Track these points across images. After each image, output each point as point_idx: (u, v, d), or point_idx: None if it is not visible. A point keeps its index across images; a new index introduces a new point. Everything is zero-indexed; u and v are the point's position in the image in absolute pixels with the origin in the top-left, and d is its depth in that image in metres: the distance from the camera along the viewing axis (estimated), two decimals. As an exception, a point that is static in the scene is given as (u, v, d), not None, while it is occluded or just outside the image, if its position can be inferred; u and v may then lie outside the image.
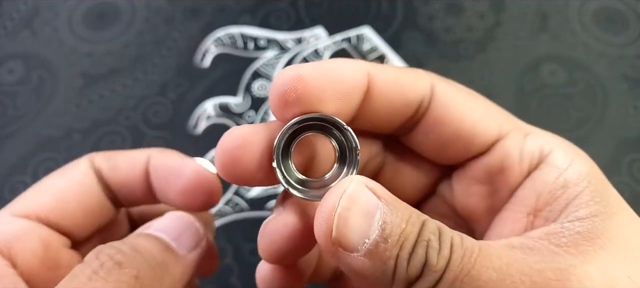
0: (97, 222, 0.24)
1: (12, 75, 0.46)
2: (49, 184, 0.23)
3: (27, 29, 0.48)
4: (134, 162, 0.24)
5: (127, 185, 0.24)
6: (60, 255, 0.22)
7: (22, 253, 0.21)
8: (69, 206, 0.22)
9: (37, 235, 0.21)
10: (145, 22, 0.48)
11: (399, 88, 0.20)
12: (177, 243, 0.21)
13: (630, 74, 0.44)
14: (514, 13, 0.48)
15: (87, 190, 0.23)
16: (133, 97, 0.44)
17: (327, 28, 0.47)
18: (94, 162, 0.24)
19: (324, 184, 0.19)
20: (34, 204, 0.22)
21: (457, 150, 0.21)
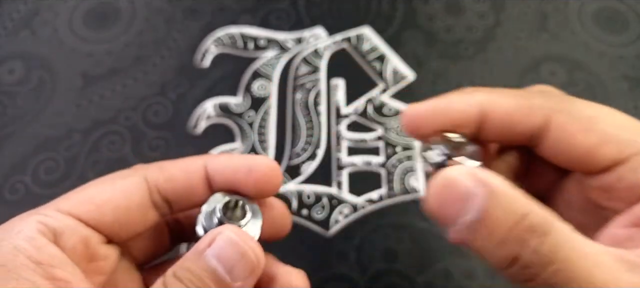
0: (135, 230, 0.25)
1: (12, 75, 0.46)
2: (94, 192, 0.24)
3: (27, 29, 0.48)
4: (190, 170, 0.25)
5: (184, 192, 0.25)
6: (98, 250, 0.24)
7: (66, 246, 0.22)
8: (106, 218, 0.24)
9: (78, 233, 0.23)
10: (145, 22, 0.48)
11: (511, 122, 0.23)
12: (230, 276, 0.21)
13: (630, 74, 0.44)
14: (514, 13, 0.48)
15: (130, 204, 0.24)
16: (133, 97, 0.44)
17: (327, 28, 0.47)
18: (147, 177, 0.25)
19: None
20: (76, 208, 0.24)
21: (576, 168, 0.24)
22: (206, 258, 0.21)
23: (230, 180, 0.25)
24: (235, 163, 0.25)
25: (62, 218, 0.23)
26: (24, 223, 0.22)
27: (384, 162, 0.41)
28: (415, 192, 0.39)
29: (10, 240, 0.21)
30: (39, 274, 0.21)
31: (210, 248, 0.21)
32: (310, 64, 0.46)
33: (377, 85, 0.44)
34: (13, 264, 0.20)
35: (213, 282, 0.21)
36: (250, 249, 0.22)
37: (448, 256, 0.36)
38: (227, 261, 0.21)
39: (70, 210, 0.23)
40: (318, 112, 0.43)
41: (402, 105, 0.43)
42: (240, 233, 0.22)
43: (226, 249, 0.21)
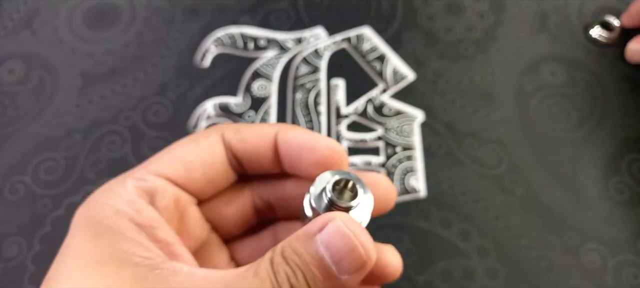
0: (218, 188, 0.26)
1: (12, 75, 0.46)
2: (181, 152, 0.25)
3: (27, 29, 0.48)
4: (262, 135, 0.26)
5: (255, 156, 0.26)
6: (187, 210, 0.25)
7: (160, 206, 0.23)
8: (196, 174, 0.25)
9: (170, 192, 0.24)
10: (145, 22, 0.48)
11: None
12: (337, 268, 0.20)
13: (630, 74, 0.44)
14: (514, 13, 0.48)
15: (215, 160, 0.25)
16: (133, 97, 0.44)
17: (327, 28, 0.47)
18: (224, 134, 0.26)
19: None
20: (166, 168, 0.24)
21: None
22: (316, 243, 0.20)
23: (294, 155, 0.25)
24: (303, 138, 0.25)
25: (154, 179, 0.24)
26: (121, 186, 0.23)
27: (384, 162, 0.41)
28: (415, 192, 0.39)
29: (112, 203, 0.22)
30: (143, 235, 0.21)
31: (321, 234, 0.20)
32: (310, 64, 0.46)
33: (377, 85, 0.44)
34: (118, 227, 0.21)
35: (319, 270, 0.20)
36: (360, 244, 0.20)
37: (448, 256, 0.36)
38: (335, 252, 0.20)
39: (160, 171, 0.24)
40: (318, 112, 0.43)
41: (402, 105, 0.43)
42: (351, 225, 0.21)
43: (336, 239, 0.20)
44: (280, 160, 0.26)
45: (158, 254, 0.21)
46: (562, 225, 0.38)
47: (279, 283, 0.20)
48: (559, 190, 0.39)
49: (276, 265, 0.20)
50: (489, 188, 0.39)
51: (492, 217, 0.38)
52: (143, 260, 0.20)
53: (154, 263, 0.20)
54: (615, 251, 0.37)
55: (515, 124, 0.42)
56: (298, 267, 0.20)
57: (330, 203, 0.22)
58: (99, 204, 0.22)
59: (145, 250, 0.21)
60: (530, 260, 0.36)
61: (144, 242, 0.21)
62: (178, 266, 0.21)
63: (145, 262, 0.20)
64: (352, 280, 0.20)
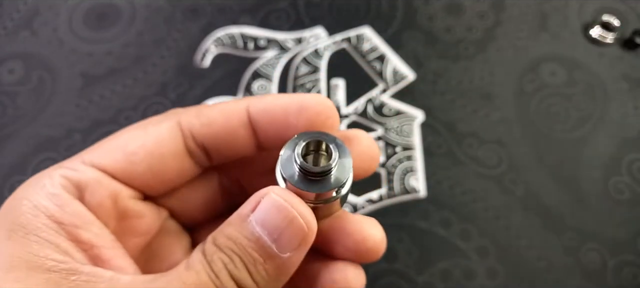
0: (172, 183, 0.23)
1: (12, 75, 0.46)
2: (124, 140, 0.22)
3: (27, 29, 0.48)
4: (230, 113, 0.22)
5: (224, 139, 0.22)
6: (128, 207, 0.22)
7: (91, 202, 0.20)
8: (139, 168, 0.21)
9: (105, 186, 0.21)
10: (145, 22, 0.48)
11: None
12: (277, 246, 0.18)
13: (630, 74, 0.44)
14: (514, 13, 0.48)
15: (164, 152, 0.22)
16: (133, 97, 0.44)
17: (327, 28, 0.47)
18: (182, 120, 0.22)
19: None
20: (105, 158, 0.21)
21: None
22: (250, 224, 0.18)
23: (277, 123, 0.22)
24: (283, 102, 0.22)
25: (88, 171, 0.21)
26: (47, 178, 0.20)
27: (384, 162, 0.41)
28: (415, 192, 0.39)
29: (32, 197, 0.19)
30: (62, 236, 0.19)
31: (254, 213, 0.18)
32: (310, 64, 0.46)
33: (377, 85, 0.44)
34: (33, 225, 0.18)
35: (258, 251, 0.18)
36: (299, 214, 0.18)
37: (448, 256, 0.36)
38: (273, 228, 0.18)
39: (95, 162, 0.21)
40: (318, 112, 0.43)
41: (402, 105, 0.43)
42: (287, 196, 0.19)
43: (271, 214, 0.18)
44: (258, 138, 0.22)
45: (77, 258, 0.18)
46: (562, 225, 0.38)
47: (216, 273, 0.18)
48: (559, 190, 0.39)
49: (210, 255, 0.18)
50: (489, 188, 0.39)
51: (492, 217, 0.38)
52: (56, 264, 0.18)
53: (71, 268, 0.18)
54: (615, 251, 0.37)
55: (515, 124, 0.42)
56: (234, 253, 0.18)
57: (302, 170, 0.20)
58: (18, 198, 0.19)
59: (61, 253, 0.18)
60: (530, 260, 0.36)
61: (62, 244, 0.18)
62: (100, 271, 0.18)
63: (59, 266, 0.18)
64: (295, 256, 0.19)
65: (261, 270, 0.18)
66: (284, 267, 0.19)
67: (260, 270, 0.18)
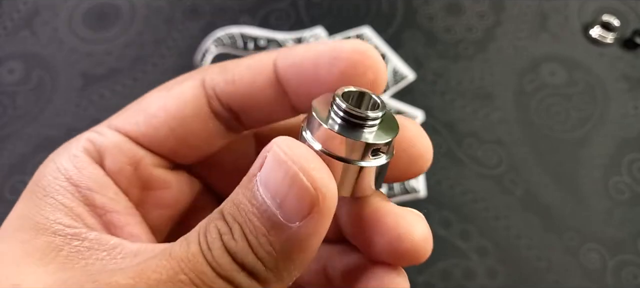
0: (200, 150, 0.20)
1: (12, 75, 0.46)
2: (148, 101, 0.20)
3: (27, 29, 0.48)
4: (257, 68, 0.19)
5: (251, 98, 0.19)
6: (153, 174, 0.20)
7: (111, 167, 0.19)
8: (161, 131, 0.19)
9: (125, 152, 0.19)
10: (145, 22, 0.48)
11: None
12: (282, 212, 0.15)
13: (630, 74, 0.44)
14: (514, 13, 0.48)
15: (187, 113, 0.19)
16: (133, 97, 0.44)
17: (327, 28, 0.47)
18: (206, 78, 0.20)
19: None
20: (128, 121, 0.20)
21: None
22: (255, 185, 0.15)
23: (307, 80, 0.18)
24: (313, 53, 0.18)
25: (111, 135, 0.19)
26: (76, 141, 0.19)
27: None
28: (415, 192, 0.39)
29: (57, 159, 0.19)
30: (77, 199, 0.18)
31: (260, 172, 0.15)
32: (310, 64, 0.46)
33: (377, 85, 0.44)
34: (52, 187, 0.18)
35: (260, 219, 0.15)
36: (301, 170, 0.14)
37: (448, 256, 0.36)
38: (276, 190, 0.15)
39: (119, 126, 0.20)
40: (318, 112, 0.43)
41: (402, 105, 0.43)
42: (290, 147, 0.15)
43: (273, 172, 0.15)
44: (288, 95, 0.19)
45: (89, 222, 0.18)
46: (562, 225, 0.38)
47: (208, 244, 0.15)
48: (559, 190, 0.39)
49: (208, 223, 0.15)
50: (489, 188, 0.39)
51: (492, 217, 0.38)
52: (63, 228, 0.17)
53: (75, 233, 0.17)
54: (615, 251, 0.37)
55: (515, 124, 0.42)
56: (235, 221, 0.15)
57: (339, 114, 0.16)
58: (49, 160, 0.19)
59: (72, 217, 0.17)
60: (530, 260, 0.36)
61: (76, 208, 0.18)
62: (105, 238, 0.17)
63: (65, 230, 0.17)
64: (307, 227, 0.15)
65: (265, 242, 0.15)
66: (295, 241, 0.15)
67: (263, 242, 0.15)
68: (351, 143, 0.15)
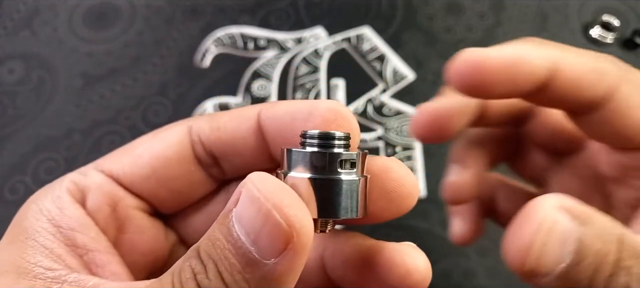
0: (180, 194, 0.20)
1: (12, 75, 0.46)
2: (136, 143, 0.21)
3: (27, 29, 0.48)
4: (241, 118, 0.20)
5: (233, 145, 0.20)
6: (129, 216, 0.20)
7: (91, 206, 0.19)
8: (143, 171, 0.20)
9: (105, 191, 0.20)
10: (145, 22, 0.48)
11: (581, 84, 0.20)
12: (256, 249, 0.14)
13: (630, 74, 0.44)
14: (514, 13, 0.48)
15: (170, 155, 0.20)
16: (133, 97, 0.44)
17: (327, 28, 0.47)
18: (192, 125, 0.20)
19: None
20: (114, 162, 0.20)
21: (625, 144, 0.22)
22: (231, 222, 0.15)
23: (285, 130, 0.19)
24: (292, 108, 0.19)
25: (94, 175, 0.20)
26: (59, 182, 0.20)
27: (384, 162, 0.41)
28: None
29: (40, 201, 0.19)
30: (59, 240, 0.18)
31: (236, 208, 0.15)
32: (310, 64, 0.46)
33: (377, 85, 0.44)
34: (34, 229, 0.18)
35: (235, 256, 0.15)
36: (274, 207, 0.14)
37: (448, 256, 0.36)
38: (250, 227, 0.15)
39: (105, 167, 0.20)
40: (318, 112, 0.43)
41: (402, 105, 0.43)
42: (264, 183, 0.15)
43: (247, 208, 0.15)
44: (268, 145, 0.20)
45: (70, 263, 0.18)
46: (562, 225, 0.38)
47: (182, 284, 0.15)
48: (559, 190, 0.39)
49: (183, 262, 0.15)
50: (489, 188, 0.39)
51: (492, 217, 0.38)
52: (44, 271, 0.17)
53: (56, 276, 0.17)
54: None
55: (515, 124, 0.42)
56: (210, 258, 0.15)
57: (309, 142, 0.17)
58: (31, 201, 0.20)
59: (54, 260, 0.18)
60: (530, 260, 0.36)
61: (56, 249, 0.18)
62: (84, 280, 0.17)
63: (46, 274, 0.17)
64: (283, 264, 0.14)
65: (240, 280, 0.15)
66: (270, 279, 0.15)
67: (238, 279, 0.15)
68: (321, 156, 0.16)
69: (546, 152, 0.26)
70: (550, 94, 0.20)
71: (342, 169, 0.17)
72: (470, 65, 0.20)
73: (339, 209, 0.17)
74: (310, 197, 0.16)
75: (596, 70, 0.20)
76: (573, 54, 0.21)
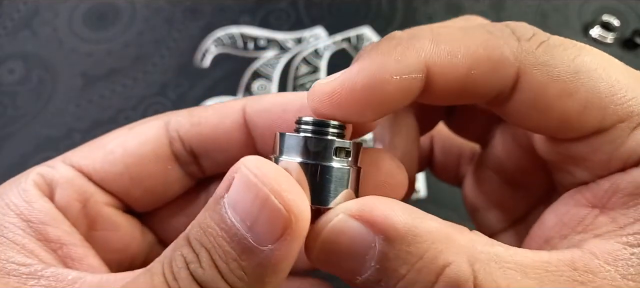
0: (157, 193, 0.19)
1: (12, 75, 0.46)
2: (109, 138, 0.19)
3: (27, 29, 0.48)
4: (225, 111, 0.19)
5: (215, 142, 0.19)
6: (101, 213, 0.19)
7: (60, 201, 0.18)
8: (116, 168, 0.19)
9: (75, 187, 0.19)
10: (145, 22, 0.48)
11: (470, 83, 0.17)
12: (252, 235, 0.14)
13: (630, 73, 0.44)
14: (514, 13, 0.48)
15: (145, 151, 0.19)
16: (133, 97, 0.44)
17: (327, 28, 0.47)
18: (170, 120, 0.19)
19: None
20: (85, 157, 0.19)
21: (544, 133, 0.19)
22: (223, 208, 0.14)
23: (275, 122, 0.18)
24: (282, 101, 0.18)
25: (63, 169, 0.19)
26: (25, 174, 0.19)
27: (384, 162, 0.41)
28: (415, 192, 0.39)
29: (5, 195, 0.18)
30: (30, 234, 0.17)
31: (228, 193, 0.14)
32: (310, 64, 0.46)
33: (377, 85, 0.44)
34: (1, 224, 0.17)
35: (230, 243, 0.14)
36: (272, 192, 0.14)
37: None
38: (246, 212, 0.14)
39: (74, 161, 0.19)
40: (318, 112, 0.43)
41: (402, 105, 0.43)
42: (260, 168, 0.14)
43: (242, 194, 0.14)
44: (254, 142, 0.19)
45: (44, 258, 0.17)
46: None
47: (174, 274, 0.14)
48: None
49: (172, 250, 0.15)
50: (489, 188, 0.39)
51: (492, 217, 0.38)
52: (17, 267, 0.16)
53: (31, 271, 0.16)
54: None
55: (515, 124, 0.42)
56: (202, 246, 0.14)
57: (304, 128, 0.17)
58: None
59: (26, 255, 0.17)
60: (530, 260, 0.36)
61: (29, 244, 0.17)
62: (62, 274, 0.16)
63: (20, 270, 0.16)
64: (280, 250, 0.14)
65: (236, 268, 0.14)
66: (267, 265, 0.14)
67: (234, 268, 0.14)
68: (315, 141, 0.16)
69: (487, 113, 0.23)
70: (432, 97, 0.17)
71: (335, 157, 0.16)
72: (322, 101, 0.17)
73: (329, 197, 0.16)
74: (302, 182, 0.16)
75: (488, 60, 0.17)
76: (454, 45, 0.17)
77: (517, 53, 0.17)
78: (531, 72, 0.17)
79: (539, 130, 0.19)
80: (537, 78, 0.17)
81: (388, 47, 0.17)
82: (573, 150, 0.18)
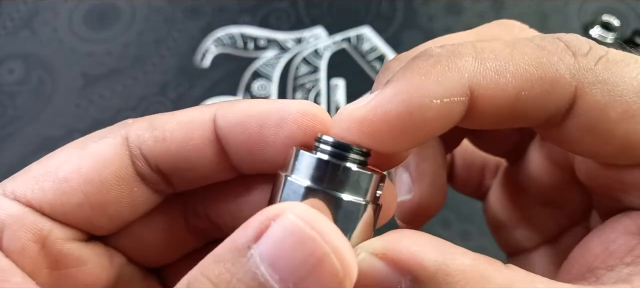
0: (123, 218, 0.17)
1: (12, 75, 0.46)
2: (57, 161, 0.17)
3: (27, 29, 0.48)
4: (193, 124, 0.16)
5: (186, 160, 0.16)
6: (64, 251, 0.16)
7: (10, 247, 0.15)
8: (74, 199, 0.16)
9: (28, 226, 0.16)
10: (145, 22, 0.48)
11: (520, 107, 0.15)
12: None
13: (630, 74, 0.44)
14: (514, 13, 0.48)
15: (107, 177, 0.16)
16: (133, 97, 0.44)
17: (327, 28, 0.47)
18: (129, 135, 0.17)
19: None
20: (31, 187, 0.16)
21: (599, 159, 0.17)
22: (251, 261, 0.12)
23: (252, 138, 0.16)
24: (257, 112, 0.16)
25: (7, 205, 0.16)
26: None
27: (384, 162, 0.41)
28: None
29: None
30: None
31: (258, 244, 0.12)
32: (310, 64, 0.46)
33: (377, 85, 0.44)
34: None
35: None
36: (332, 249, 0.12)
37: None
38: (288, 272, 0.12)
39: (19, 193, 0.16)
40: (318, 112, 0.43)
41: (402, 105, 0.43)
42: (314, 219, 0.12)
43: (288, 248, 0.12)
44: (228, 156, 0.17)
45: None
46: (562, 225, 0.38)
47: None
48: (559, 190, 0.39)
49: None
50: (489, 188, 0.39)
51: (492, 217, 0.38)
52: None
53: None
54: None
55: (515, 124, 0.42)
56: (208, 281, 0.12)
57: (325, 149, 0.15)
58: None
59: None
60: (530, 260, 0.36)
61: None
62: None
63: None
64: None
65: None
66: None
67: None
68: (326, 166, 0.14)
69: (519, 128, 0.21)
70: (475, 121, 0.15)
71: (347, 187, 0.14)
72: (351, 129, 0.15)
73: (349, 233, 0.14)
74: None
75: (541, 82, 0.15)
76: (502, 63, 0.15)
77: (574, 71, 0.15)
78: (590, 92, 0.15)
79: (594, 156, 0.17)
80: (597, 99, 0.15)
81: (426, 67, 0.14)
82: (627, 176, 0.16)
